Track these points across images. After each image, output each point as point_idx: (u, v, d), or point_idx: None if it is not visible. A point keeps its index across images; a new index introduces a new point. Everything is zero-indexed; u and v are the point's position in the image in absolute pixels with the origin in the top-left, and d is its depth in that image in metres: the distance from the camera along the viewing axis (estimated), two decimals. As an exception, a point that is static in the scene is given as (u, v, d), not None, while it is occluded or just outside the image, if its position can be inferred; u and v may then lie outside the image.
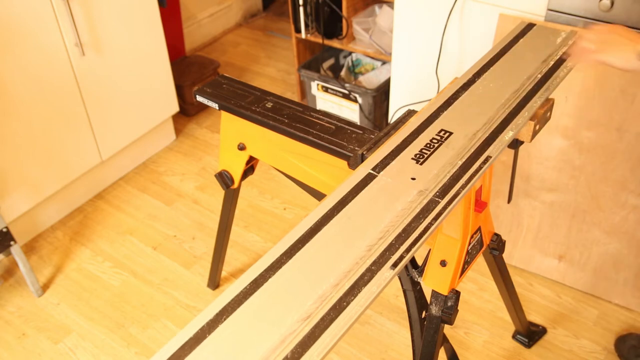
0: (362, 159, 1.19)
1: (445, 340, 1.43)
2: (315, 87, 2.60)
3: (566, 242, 1.87)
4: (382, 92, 2.44)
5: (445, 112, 1.20)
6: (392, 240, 0.92)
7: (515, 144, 1.27)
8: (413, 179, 1.04)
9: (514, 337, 1.83)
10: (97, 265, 2.12)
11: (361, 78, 2.64)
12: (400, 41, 2.06)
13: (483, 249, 1.36)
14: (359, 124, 1.54)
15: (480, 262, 2.00)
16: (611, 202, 1.73)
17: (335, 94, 2.56)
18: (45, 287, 2.05)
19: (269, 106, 1.48)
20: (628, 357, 1.75)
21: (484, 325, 1.87)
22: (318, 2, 2.52)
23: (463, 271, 1.27)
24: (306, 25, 2.62)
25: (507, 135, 1.14)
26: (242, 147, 1.58)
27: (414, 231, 0.93)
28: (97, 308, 1.97)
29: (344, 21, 2.55)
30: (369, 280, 0.86)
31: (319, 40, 2.62)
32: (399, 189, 1.02)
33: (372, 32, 2.52)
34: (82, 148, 2.23)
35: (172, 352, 0.77)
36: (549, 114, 1.25)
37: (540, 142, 1.75)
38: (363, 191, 1.02)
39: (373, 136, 1.33)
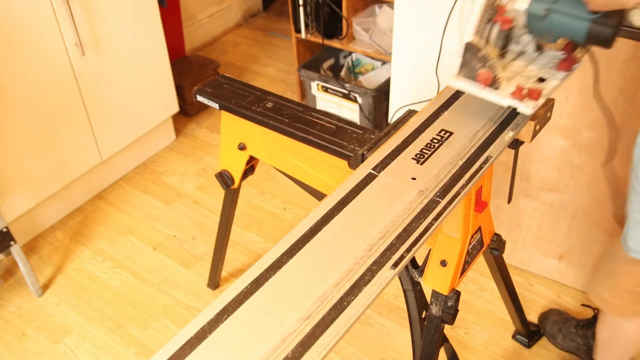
0: (363, 158, 1.19)
1: (445, 340, 1.43)
2: (315, 87, 2.60)
3: (566, 242, 1.87)
4: (382, 92, 2.44)
5: (445, 112, 1.20)
6: (393, 240, 0.92)
7: (515, 144, 1.26)
8: (413, 178, 1.04)
9: (514, 337, 1.83)
10: (97, 265, 2.12)
11: (361, 78, 2.64)
12: (400, 41, 2.06)
13: (483, 249, 1.36)
14: (359, 124, 1.54)
15: (480, 262, 2.00)
16: (611, 202, 1.73)
17: (335, 94, 2.56)
18: (45, 287, 2.05)
19: (270, 106, 1.48)
20: (552, 332, 1.78)
21: (484, 325, 1.87)
22: (318, 2, 2.52)
23: (463, 271, 1.27)
24: (306, 25, 2.62)
25: (507, 135, 1.14)
26: (242, 147, 1.58)
27: (414, 231, 0.93)
28: (97, 308, 1.97)
29: (344, 21, 2.55)
30: (369, 280, 0.86)
31: (319, 40, 2.62)
32: (399, 188, 1.02)
33: (372, 32, 2.52)
34: (82, 148, 2.23)
35: (172, 352, 0.77)
36: (549, 114, 1.25)
37: (540, 142, 1.75)
38: (363, 191, 1.02)
39: (373, 136, 1.33)
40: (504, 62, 1.24)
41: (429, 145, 1.12)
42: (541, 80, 1.19)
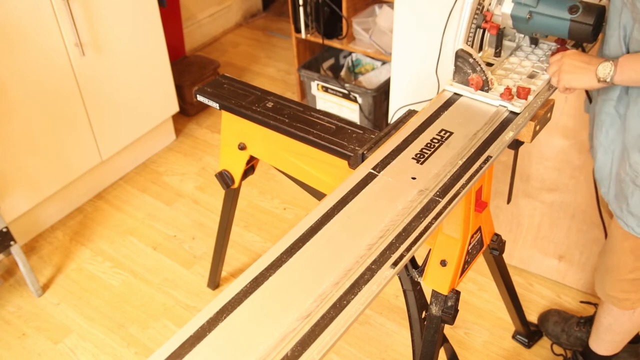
0: (363, 158, 1.19)
1: (445, 340, 1.43)
2: (315, 87, 2.60)
3: (566, 242, 1.87)
4: (382, 92, 2.45)
5: (445, 112, 1.20)
6: (393, 239, 0.92)
7: (515, 144, 1.27)
8: (413, 178, 1.04)
9: (514, 337, 1.83)
10: (97, 265, 2.12)
11: (361, 78, 2.64)
12: (400, 41, 2.06)
13: (483, 249, 1.36)
14: (359, 124, 1.54)
15: (480, 262, 2.00)
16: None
17: (335, 94, 2.56)
18: (45, 287, 2.05)
19: (270, 106, 1.48)
20: (555, 333, 1.78)
21: (484, 325, 1.87)
22: (318, 2, 2.52)
23: (463, 271, 1.27)
24: (306, 25, 2.62)
25: (507, 135, 1.14)
26: (242, 147, 1.58)
27: (414, 230, 0.93)
28: (97, 308, 1.97)
29: (344, 21, 2.55)
30: (369, 279, 0.86)
31: (319, 40, 2.62)
32: (399, 188, 1.02)
33: (372, 32, 2.52)
34: (82, 148, 2.23)
35: (172, 350, 0.77)
36: (549, 114, 1.25)
37: (540, 142, 1.75)
38: (363, 190, 1.02)
39: (373, 136, 1.33)
40: (499, 61, 1.31)
41: (429, 145, 1.12)
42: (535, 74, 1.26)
